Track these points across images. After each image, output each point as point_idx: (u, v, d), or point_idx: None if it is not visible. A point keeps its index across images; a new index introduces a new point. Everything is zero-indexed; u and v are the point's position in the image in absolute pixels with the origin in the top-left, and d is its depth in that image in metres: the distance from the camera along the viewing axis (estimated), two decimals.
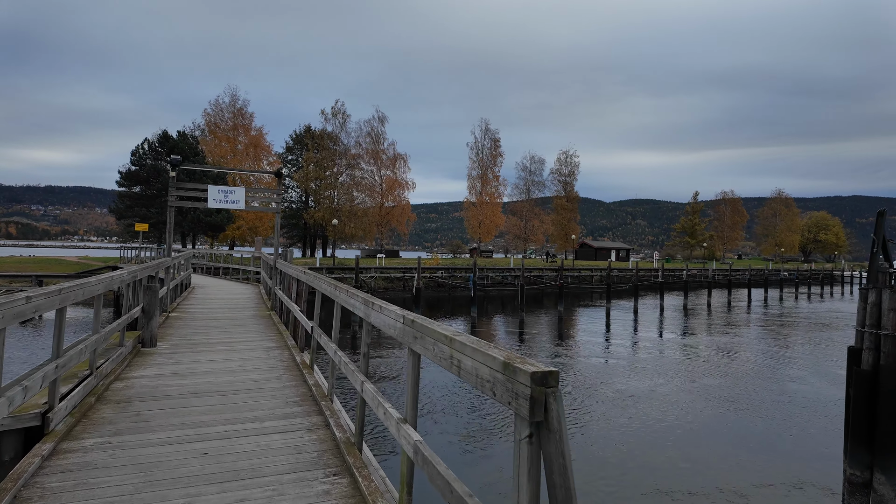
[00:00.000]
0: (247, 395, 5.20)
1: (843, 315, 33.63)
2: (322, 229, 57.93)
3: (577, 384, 13.51)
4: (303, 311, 7.32)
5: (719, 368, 15.90)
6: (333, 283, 5.35)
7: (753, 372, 15.66)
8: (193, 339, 8.01)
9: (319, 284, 5.85)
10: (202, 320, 9.96)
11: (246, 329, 9.16)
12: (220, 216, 44.51)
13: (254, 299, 13.92)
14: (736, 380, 14.44)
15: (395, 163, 59.49)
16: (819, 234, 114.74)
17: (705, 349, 19.36)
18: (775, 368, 16.31)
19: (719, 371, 15.52)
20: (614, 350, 18.90)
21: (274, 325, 9.74)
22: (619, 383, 13.65)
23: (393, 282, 39.37)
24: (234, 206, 10.82)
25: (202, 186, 10.76)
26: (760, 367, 16.51)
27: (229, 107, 52.45)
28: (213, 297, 14.07)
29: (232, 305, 12.46)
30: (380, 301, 3.68)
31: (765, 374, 15.43)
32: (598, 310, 34.49)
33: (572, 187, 76.12)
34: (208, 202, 10.71)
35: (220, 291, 15.81)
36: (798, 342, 22.12)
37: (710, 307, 36.83)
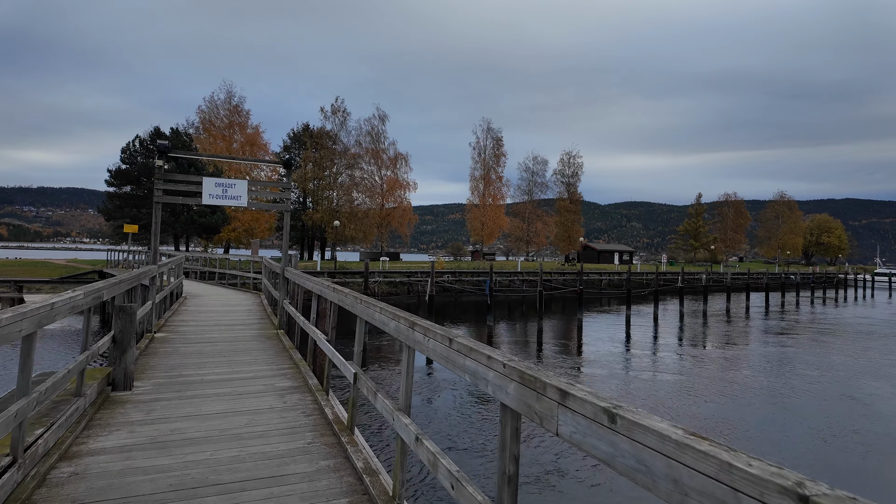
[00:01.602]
0: (263, 491, 3.29)
1: (874, 321, 31.93)
2: (321, 231, 55.93)
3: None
4: (329, 340, 5.41)
5: (795, 386, 14.02)
6: (392, 312, 3.47)
7: (840, 393, 13.72)
8: (183, 376, 6.07)
9: (367, 312, 3.96)
10: (195, 344, 8.01)
11: (251, 357, 7.22)
12: (214, 217, 42.42)
13: (255, 312, 11.96)
14: (826, 402, 12.58)
15: (396, 163, 57.63)
16: (822, 237, 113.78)
17: (760, 362, 17.50)
18: (857, 387, 14.36)
19: (799, 390, 13.62)
20: (657, 365, 17.02)
21: (285, 349, 7.80)
22: (682, 407, 11.80)
23: (397, 286, 37.44)
24: (235, 203, 8.92)
25: (196, 178, 8.82)
26: (842, 386, 14.56)
27: (224, 104, 50.41)
28: (209, 310, 12.11)
29: (231, 321, 10.50)
30: (482, 346, 1.85)
31: (852, 394, 13.52)
32: (616, 316, 32.66)
33: (576, 189, 74.63)
34: (203, 198, 8.78)
35: (215, 302, 13.83)
36: (854, 352, 20.29)
37: (728, 312, 35.11)
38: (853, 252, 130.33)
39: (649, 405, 12.00)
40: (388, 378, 13.54)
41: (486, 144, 66.23)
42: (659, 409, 11.70)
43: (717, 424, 10.72)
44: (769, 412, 11.85)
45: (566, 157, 75.54)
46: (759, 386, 14.28)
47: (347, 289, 4.92)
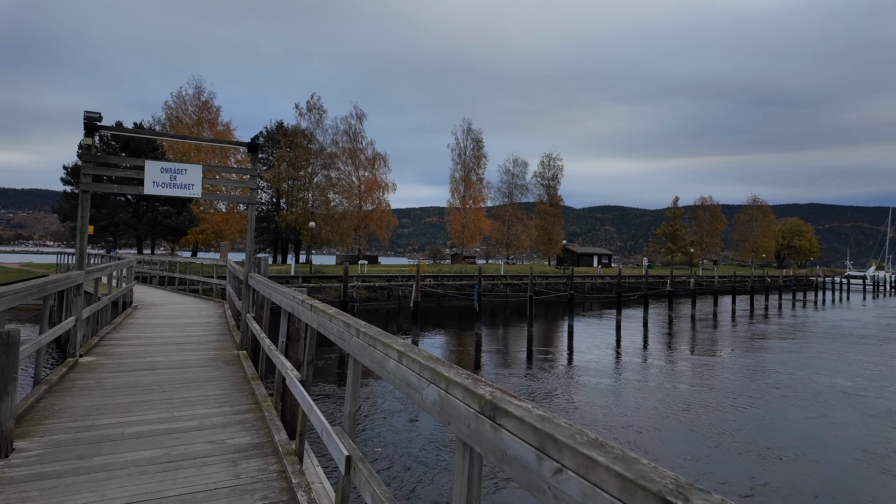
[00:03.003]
0: None
1: (862, 324, 31.41)
2: (295, 233, 53.66)
3: (649, 441, 10.17)
4: (304, 379, 3.73)
5: (821, 396, 12.76)
6: (428, 366, 1.87)
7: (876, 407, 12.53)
8: (97, 427, 4.31)
9: (371, 353, 2.34)
10: (129, 373, 6.21)
11: (200, 393, 5.48)
12: (181, 218, 39.91)
13: (216, 327, 10.13)
14: (867, 417, 11.34)
15: (375, 163, 55.69)
16: (793, 240, 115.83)
17: (780, 370, 16.26)
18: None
19: (829, 402, 12.37)
20: (662, 375, 15.63)
21: (246, 379, 6.07)
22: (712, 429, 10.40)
23: (376, 291, 35.64)
24: (186, 194, 7.15)
25: (135, 162, 7.02)
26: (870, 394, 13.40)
27: (193, 99, 47.84)
28: (160, 324, 10.23)
29: (184, 338, 8.68)
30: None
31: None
32: (602, 321, 31.47)
33: (556, 191, 74.01)
34: (145, 186, 7.00)
35: (171, 313, 11.92)
36: (867, 356, 19.30)
37: (715, 316, 34.31)
38: (823, 255, 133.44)
39: (675, 424, 10.58)
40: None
41: (466, 146, 64.95)
42: (699, 428, 10.28)
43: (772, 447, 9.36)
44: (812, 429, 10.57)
45: (546, 159, 74.90)
46: (793, 398, 13.05)
47: (333, 308, 3.27)
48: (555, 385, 14.07)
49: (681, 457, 9.06)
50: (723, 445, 9.73)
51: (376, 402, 11.39)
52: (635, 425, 10.57)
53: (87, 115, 6.60)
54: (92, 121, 6.61)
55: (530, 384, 14.13)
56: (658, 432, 10.22)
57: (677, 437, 10.05)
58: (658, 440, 9.81)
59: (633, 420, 10.93)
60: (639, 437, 9.89)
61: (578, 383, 14.37)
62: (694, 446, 9.64)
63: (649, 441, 9.66)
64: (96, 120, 6.68)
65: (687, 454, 9.25)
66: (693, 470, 8.48)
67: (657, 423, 10.80)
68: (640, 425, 10.58)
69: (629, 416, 11.22)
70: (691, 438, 10.06)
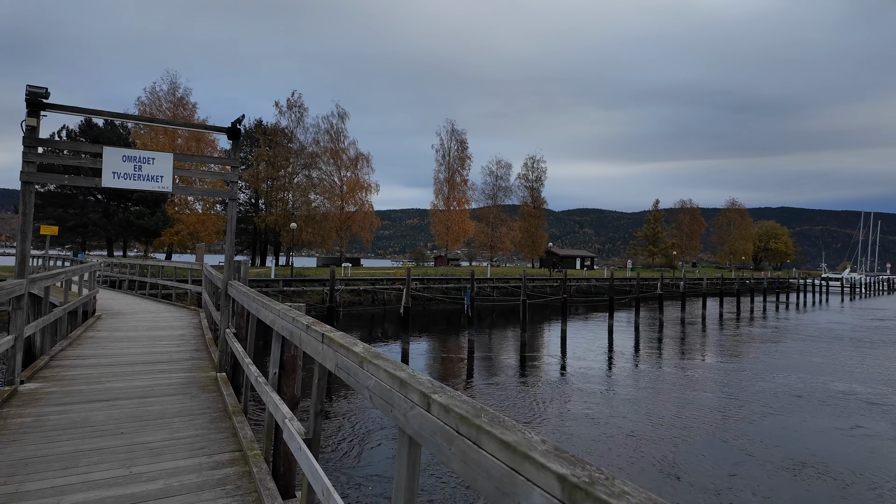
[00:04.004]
0: None
1: (851, 326, 31.28)
2: (275, 235, 52.03)
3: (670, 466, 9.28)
4: (308, 435, 2.69)
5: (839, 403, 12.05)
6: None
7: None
8: (20, 497, 3.18)
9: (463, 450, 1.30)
10: (80, 405, 5.05)
11: (167, 435, 4.35)
12: (154, 218, 38.05)
13: (191, 340, 8.92)
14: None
15: (357, 163, 54.35)
16: (769, 243, 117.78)
17: (788, 373, 15.57)
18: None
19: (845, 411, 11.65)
20: (677, 387, 14.80)
21: (226, 414, 4.96)
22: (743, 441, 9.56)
23: (360, 294, 34.40)
24: (154, 187, 6.01)
25: (93, 149, 5.86)
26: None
27: (168, 95, 45.90)
28: (125, 337, 8.98)
29: (151, 356, 7.49)
30: None
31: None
32: (592, 324, 30.80)
33: (539, 194, 73.71)
34: (103, 177, 5.83)
35: (139, 324, 10.63)
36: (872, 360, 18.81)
37: (704, 320, 33.95)
38: (798, 258, 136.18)
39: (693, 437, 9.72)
40: None
41: (450, 146, 64.09)
42: (723, 440, 9.43)
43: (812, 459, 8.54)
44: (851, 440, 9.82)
45: (530, 161, 74.56)
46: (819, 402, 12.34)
47: (360, 343, 2.24)
48: (557, 396, 13.13)
49: (715, 469, 8.19)
50: (758, 457, 8.92)
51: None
52: (661, 436, 9.68)
53: (31, 90, 5.41)
54: (36, 97, 5.43)
55: (530, 395, 13.17)
56: (686, 444, 9.35)
57: (710, 449, 9.18)
58: (691, 453, 8.93)
59: (656, 431, 10.05)
60: (674, 451, 9.00)
61: (583, 393, 13.46)
62: (726, 458, 8.80)
63: (683, 455, 8.77)
64: (42, 97, 5.50)
65: (720, 466, 8.40)
66: (732, 485, 7.61)
67: (683, 434, 9.94)
68: (665, 436, 9.70)
69: (650, 426, 10.34)
70: (723, 450, 9.23)
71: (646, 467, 8.47)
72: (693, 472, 8.32)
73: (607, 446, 9.46)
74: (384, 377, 1.79)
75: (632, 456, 9.01)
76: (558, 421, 11.14)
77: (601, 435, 10.12)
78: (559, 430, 10.40)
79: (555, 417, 11.40)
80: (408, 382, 1.61)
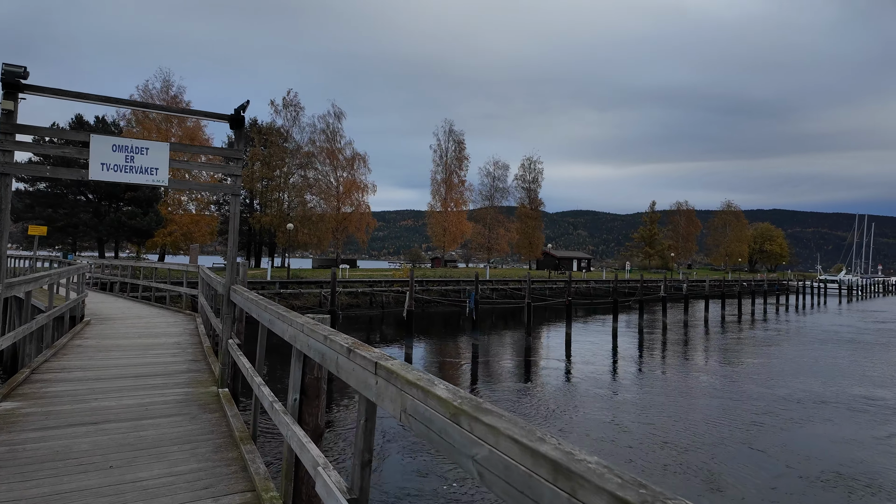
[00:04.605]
0: None
1: (857, 329, 30.88)
2: (270, 236, 51.18)
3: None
4: (354, 498, 2.08)
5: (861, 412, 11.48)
6: None
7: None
8: None
9: None
10: (62, 430, 4.38)
11: (164, 471, 3.69)
12: (147, 218, 37.19)
13: (187, 350, 8.24)
14: None
15: (354, 163, 53.60)
16: (765, 245, 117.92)
17: (806, 378, 15.01)
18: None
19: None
20: (696, 393, 14.21)
21: (232, 440, 4.30)
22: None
23: (358, 297, 33.70)
24: (148, 181, 5.37)
25: (78, 137, 5.19)
26: None
27: (161, 93, 44.98)
28: (116, 346, 8.29)
29: (144, 368, 6.82)
30: None
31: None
32: (593, 326, 30.27)
33: (536, 195, 73.25)
34: (90, 169, 5.18)
35: (131, 330, 9.92)
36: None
37: (707, 322, 33.52)
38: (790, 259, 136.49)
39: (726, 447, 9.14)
40: None
41: (447, 147, 63.52)
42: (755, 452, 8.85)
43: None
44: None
45: (527, 162, 74.07)
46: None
47: (420, 370, 1.61)
48: (576, 403, 12.52)
49: (757, 482, 7.62)
50: (798, 469, 8.36)
51: None
52: (695, 445, 9.10)
53: (7, 69, 4.74)
54: (14, 77, 4.76)
55: (548, 402, 12.56)
56: (723, 454, 8.76)
57: (747, 459, 8.61)
58: (730, 464, 8.35)
59: (689, 439, 9.46)
60: (713, 462, 8.41)
61: (602, 399, 12.85)
62: (766, 470, 8.23)
63: (722, 466, 8.19)
64: (20, 76, 4.84)
65: (761, 479, 7.83)
66: (778, 500, 7.04)
67: (717, 443, 9.37)
68: (699, 445, 9.11)
69: (681, 434, 9.75)
70: (761, 461, 8.66)
71: (689, 480, 7.89)
72: (736, 486, 7.76)
73: (645, 457, 8.88)
74: (510, 449, 1.16)
75: (672, 467, 8.44)
76: (586, 429, 10.55)
77: (636, 444, 9.54)
78: (591, 439, 9.80)
79: (581, 426, 10.81)
80: (571, 469, 0.99)
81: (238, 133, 5.87)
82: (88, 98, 5.21)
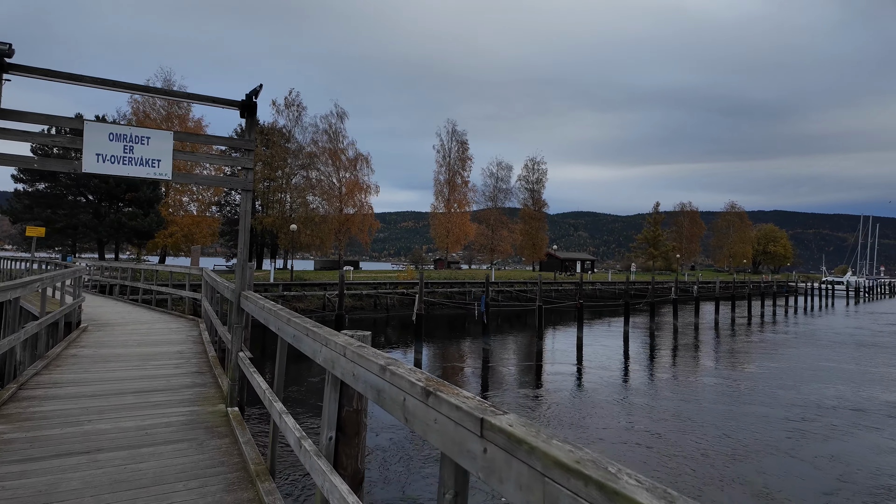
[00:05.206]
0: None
1: (872, 332, 30.21)
2: (272, 237, 50.56)
3: None
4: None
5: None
6: None
7: None
8: None
9: None
10: (48, 462, 3.76)
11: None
12: (147, 219, 36.57)
13: (191, 358, 7.62)
14: None
15: (356, 164, 53.01)
16: (768, 246, 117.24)
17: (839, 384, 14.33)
18: None
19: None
20: (723, 401, 13.54)
21: (247, 475, 3.67)
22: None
23: (363, 299, 33.05)
24: (150, 174, 4.77)
25: (71, 123, 4.59)
26: None
27: None
28: (113, 355, 7.67)
29: (144, 382, 6.19)
30: None
31: None
32: (602, 329, 29.62)
33: (540, 196, 72.58)
34: (83, 161, 4.57)
35: (130, 338, 9.30)
36: None
37: (717, 324, 32.85)
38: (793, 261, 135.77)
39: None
40: None
41: (450, 147, 62.88)
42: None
43: None
44: None
45: (531, 163, 73.43)
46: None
47: (531, 427, 0.97)
48: (599, 411, 11.90)
49: (812, 499, 7.01)
50: (855, 484, 7.73)
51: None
52: (739, 456, 8.47)
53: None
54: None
55: (571, 410, 11.92)
56: (770, 466, 8.14)
57: (796, 471, 7.99)
58: (780, 478, 7.73)
59: (730, 449, 8.82)
60: (762, 475, 7.78)
61: (628, 406, 12.21)
62: (818, 484, 7.61)
63: (773, 481, 7.55)
64: (4, 54, 4.23)
65: (814, 494, 7.20)
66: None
67: (761, 454, 8.74)
68: (742, 455, 8.48)
69: (721, 444, 9.12)
70: (811, 474, 8.04)
71: (740, 494, 7.26)
72: (792, 502, 7.12)
73: (691, 470, 8.24)
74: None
75: (719, 480, 7.82)
76: (622, 438, 9.92)
77: (675, 455, 8.91)
78: (624, 449, 9.17)
79: (615, 435, 10.16)
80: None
81: (250, 122, 5.26)
82: (83, 80, 4.60)
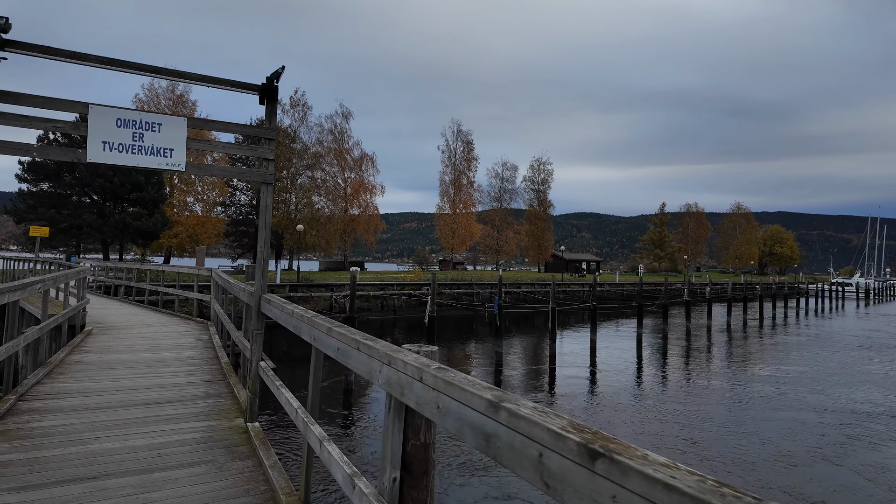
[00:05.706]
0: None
1: (884, 333, 29.60)
2: (277, 238, 50.19)
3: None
4: None
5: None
6: None
7: None
8: None
9: None
10: (49, 490, 3.28)
11: None
12: (152, 220, 36.19)
13: (202, 364, 7.15)
14: None
15: (362, 164, 52.65)
16: (775, 247, 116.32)
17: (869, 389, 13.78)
18: None
19: None
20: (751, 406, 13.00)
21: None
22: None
23: (369, 301, 32.58)
24: (160, 164, 4.31)
25: (75, 108, 4.13)
26: None
27: (167, 92, 44.16)
28: (120, 361, 7.20)
29: (153, 392, 5.71)
30: None
31: None
32: (610, 330, 29.09)
33: (546, 196, 71.99)
34: (88, 150, 4.11)
35: (137, 342, 8.83)
36: None
37: (729, 326, 32.28)
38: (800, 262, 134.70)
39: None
40: None
41: (456, 148, 62.50)
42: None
43: None
44: None
45: (536, 163, 72.89)
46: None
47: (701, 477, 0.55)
48: (625, 418, 11.39)
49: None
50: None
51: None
52: (786, 466, 7.96)
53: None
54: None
55: (590, 417, 11.43)
56: (821, 476, 7.63)
57: (847, 483, 7.47)
58: (833, 491, 7.22)
59: (773, 457, 8.31)
60: (808, 485, 7.28)
61: (655, 412, 11.70)
62: (869, 495, 7.10)
63: (821, 488, 7.05)
64: (2, 30, 3.77)
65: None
66: None
67: (808, 464, 8.23)
68: (789, 465, 7.97)
69: (764, 453, 8.60)
70: (860, 485, 7.52)
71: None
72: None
73: (736, 479, 7.74)
74: None
75: (769, 488, 7.31)
76: (658, 444, 9.40)
77: (717, 461, 8.39)
78: (669, 455, 8.66)
79: (652, 440, 9.65)
80: None
81: (271, 108, 4.79)
82: (86, 59, 4.13)
